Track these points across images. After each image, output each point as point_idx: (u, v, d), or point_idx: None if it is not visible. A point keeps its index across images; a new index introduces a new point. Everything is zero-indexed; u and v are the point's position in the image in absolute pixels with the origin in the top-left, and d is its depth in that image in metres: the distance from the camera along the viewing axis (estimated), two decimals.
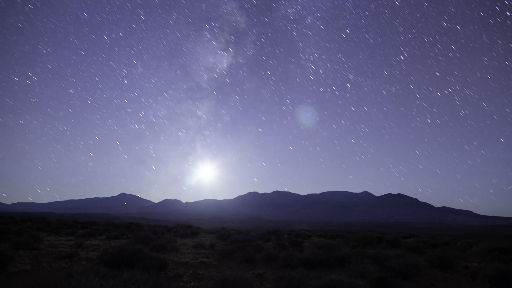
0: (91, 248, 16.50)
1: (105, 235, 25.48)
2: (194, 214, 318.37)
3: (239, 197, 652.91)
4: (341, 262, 13.05)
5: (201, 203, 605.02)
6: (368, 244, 24.57)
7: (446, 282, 10.79)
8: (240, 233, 32.36)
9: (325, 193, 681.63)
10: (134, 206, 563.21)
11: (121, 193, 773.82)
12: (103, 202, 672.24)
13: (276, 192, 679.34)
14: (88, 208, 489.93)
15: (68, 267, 10.76)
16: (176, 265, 12.52)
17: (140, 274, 6.78)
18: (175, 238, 21.56)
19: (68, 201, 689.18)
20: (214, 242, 21.89)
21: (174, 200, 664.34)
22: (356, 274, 11.13)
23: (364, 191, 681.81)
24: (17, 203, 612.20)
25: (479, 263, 15.18)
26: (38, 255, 13.54)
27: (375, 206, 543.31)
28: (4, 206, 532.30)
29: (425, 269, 13.13)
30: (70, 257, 13.04)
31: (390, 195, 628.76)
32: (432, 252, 19.00)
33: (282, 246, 21.35)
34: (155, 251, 15.99)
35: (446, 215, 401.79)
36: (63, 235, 25.28)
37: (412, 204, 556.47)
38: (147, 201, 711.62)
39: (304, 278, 8.54)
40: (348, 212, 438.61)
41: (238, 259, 15.06)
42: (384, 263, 12.02)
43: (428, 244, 26.16)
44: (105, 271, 7.11)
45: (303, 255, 13.62)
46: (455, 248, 23.72)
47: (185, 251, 17.65)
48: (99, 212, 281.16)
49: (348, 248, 16.91)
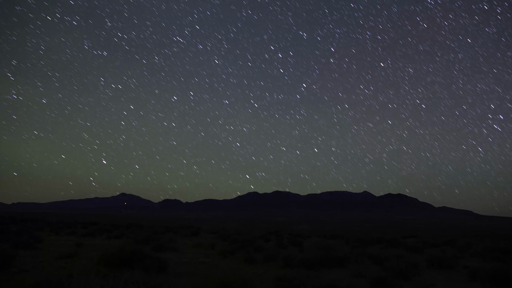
0: (91, 248, 16.51)
1: (105, 235, 25.52)
2: (194, 214, 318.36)
3: (239, 197, 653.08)
4: (341, 262, 13.06)
5: (201, 203, 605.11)
6: (368, 244, 24.58)
7: (446, 282, 10.79)
8: (240, 233, 32.38)
9: (325, 193, 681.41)
10: (134, 206, 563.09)
11: (121, 193, 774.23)
12: (103, 202, 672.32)
13: (276, 192, 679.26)
14: (88, 208, 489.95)
15: (68, 267, 10.76)
16: (176, 265, 12.52)
17: (140, 274, 6.78)
18: (175, 238, 21.59)
19: (68, 201, 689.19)
20: (214, 242, 21.91)
21: (174, 200, 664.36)
22: (356, 274, 11.15)
23: (364, 191, 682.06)
24: (17, 203, 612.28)
25: (479, 263, 15.19)
26: (38, 255, 13.55)
27: (375, 206, 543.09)
28: (4, 206, 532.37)
29: (425, 269, 13.14)
30: (70, 257, 13.05)
31: (390, 195, 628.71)
32: (432, 252, 19.01)
33: (282, 246, 21.37)
34: (155, 251, 16.00)
35: (446, 215, 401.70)
36: (63, 235, 25.30)
37: (412, 204, 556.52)
38: (147, 201, 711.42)
39: (304, 278, 8.54)
40: (348, 212, 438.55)
41: (238, 259, 15.06)
42: (384, 263, 12.03)
43: (428, 244, 26.18)
44: (105, 271, 7.12)
45: (303, 255, 13.62)
46: (455, 248, 23.73)
47: (185, 251, 17.66)
48: (99, 212, 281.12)
49: (348, 248, 16.92)
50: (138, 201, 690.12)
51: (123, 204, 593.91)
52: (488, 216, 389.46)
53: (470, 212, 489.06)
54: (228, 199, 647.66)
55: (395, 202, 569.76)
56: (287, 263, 13.17)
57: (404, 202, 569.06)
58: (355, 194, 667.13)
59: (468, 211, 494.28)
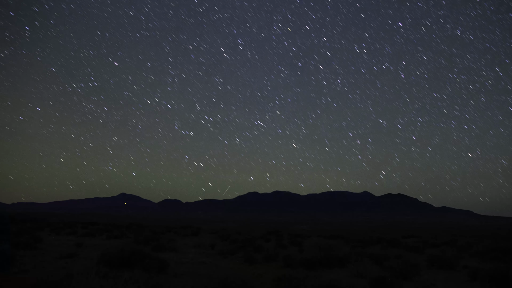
0: (92, 248, 16.51)
1: (105, 235, 25.53)
2: (194, 214, 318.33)
3: (239, 197, 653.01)
4: (341, 262, 13.05)
5: (201, 203, 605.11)
6: (368, 244, 24.58)
7: (446, 282, 10.79)
8: (240, 233, 32.39)
9: (325, 193, 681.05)
10: (134, 206, 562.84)
11: (121, 193, 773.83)
12: (103, 202, 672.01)
13: (276, 192, 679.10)
14: (88, 208, 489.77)
15: (68, 267, 10.76)
16: (176, 265, 12.52)
17: (140, 274, 6.78)
18: (175, 238, 21.60)
19: (68, 201, 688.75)
20: (214, 242, 21.91)
21: (174, 200, 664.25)
22: (356, 274, 11.15)
23: (364, 191, 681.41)
24: (17, 203, 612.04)
25: (479, 263, 15.18)
26: (38, 255, 13.55)
27: (375, 206, 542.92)
28: (4, 206, 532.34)
29: (425, 269, 13.13)
30: (70, 257, 13.05)
31: (390, 195, 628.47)
32: (432, 252, 19.00)
33: (282, 246, 21.37)
34: (155, 251, 16.00)
35: (446, 215, 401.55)
36: (63, 235, 25.31)
37: (412, 204, 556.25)
38: (147, 201, 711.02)
39: (304, 278, 8.55)
40: (348, 212, 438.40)
41: (238, 259, 15.06)
42: (384, 263, 12.03)
43: (428, 244, 26.17)
44: (105, 271, 7.12)
45: (303, 255, 13.62)
46: (455, 248, 23.71)
47: (185, 251, 17.67)
48: (99, 212, 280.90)
49: (348, 248, 16.93)
50: (138, 201, 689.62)
51: (123, 204, 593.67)
52: (488, 216, 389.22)
53: (470, 212, 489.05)
54: (228, 199, 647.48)
55: (395, 202, 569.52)
56: (287, 263, 13.16)
57: (404, 202, 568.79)
58: (355, 194, 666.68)
59: (468, 211, 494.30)
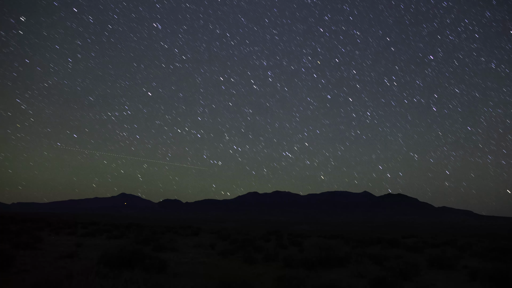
0: (92, 248, 16.50)
1: (105, 235, 25.52)
2: (194, 214, 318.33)
3: (239, 197, 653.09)
4: (341, 262, 13.05)
5: (201, 203, 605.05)
6: (368, 244, 24.58)
7: (446, 282, 10.79)
8: (240, 233, 32.38)
9: (325, 193, 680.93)
10: (134, 206, 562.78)
11: (121, 193, 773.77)
12: (103, 202, 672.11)
13: (276, 192, 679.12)
14: (88, 208, 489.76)
15: (68, 267, 10.76)
16: (176, 265, 12.52)
17: (140, 274, 6.78)
18: (175, 238, 21.59)
19: (68, 201, 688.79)
20: (214, 242, 21.91)
21: (174, 200, 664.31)
22: (356, 274, 11.16)
23: (364, 191, 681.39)
24: (17, 203, 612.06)
25: (479, 263, 15.18)
26: (38, 255, 13.55)
27: (375, 206, 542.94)
28: (4, 206, 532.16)
29: (425, 269, 13.13)
30: (70, 257, 13.04)
31: (390, 195, 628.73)
32: (432, 252, 19.01)
33: (282, 246, 21.36)
34: (155, 251, 16.00)
35: (446, 215, 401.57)
36: (63, 235, 25.30)
37: (412, 204, 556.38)
38: (147, 201, 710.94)
39: (304, 278, 8.54)
40: (348, 212, 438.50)
41: (238, 259, 15.06)
42: (384, 263, 12.03)
43: (428, 244, 26.18)
44: (105, 271, 7.12)
45: (303, 255, 13.62)
46: (455, 248, 23.72)
47: (185, 251, 17.66)
48: (99, 212, 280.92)
49: (348, 248, 16.93)
50: (138, 201, 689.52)
51: (123, 204, 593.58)
52: (488, 216, 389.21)
53: (470, 212, 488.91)
54: (228, 199, 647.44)
55: (395, 202, 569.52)
56: (287, 263, 13.16)
57: (404, 202, 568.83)
58: (355, 194, 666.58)
59: (468, 211, 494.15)
